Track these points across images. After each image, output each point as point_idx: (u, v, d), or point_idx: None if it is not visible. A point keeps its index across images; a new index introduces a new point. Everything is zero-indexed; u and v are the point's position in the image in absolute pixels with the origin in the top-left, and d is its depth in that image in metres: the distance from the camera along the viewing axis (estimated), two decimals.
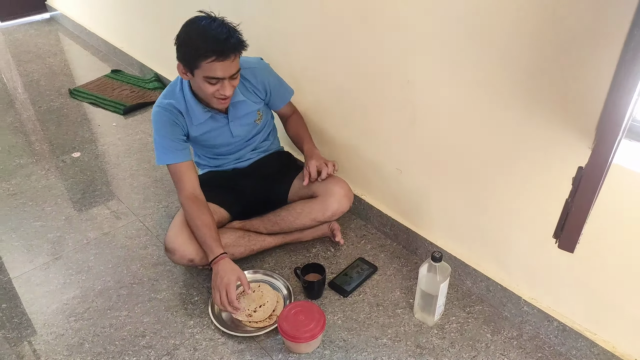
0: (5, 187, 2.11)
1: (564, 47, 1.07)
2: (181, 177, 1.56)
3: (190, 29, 1.39)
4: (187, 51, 1.39)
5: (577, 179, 0.79)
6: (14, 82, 3.02)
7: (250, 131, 1.71)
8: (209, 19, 1.39)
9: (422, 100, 1.46)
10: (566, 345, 1.40)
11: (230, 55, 1.36)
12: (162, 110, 1.53)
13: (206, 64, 1.35)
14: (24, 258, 1.76)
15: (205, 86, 1.41)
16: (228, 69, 1.38)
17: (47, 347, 1.46)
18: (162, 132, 1.54)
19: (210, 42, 1.34)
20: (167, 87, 1.59)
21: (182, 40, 1.40)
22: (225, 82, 1.41)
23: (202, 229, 1.49)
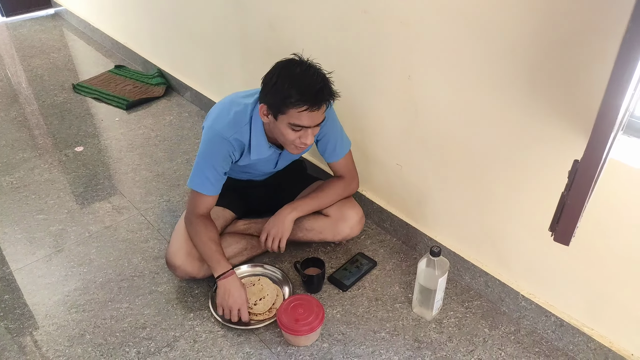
0: (9, 181, 2.12)
1: (564, 42, 1.08)
2: (202, 205, 1.52)
3: (284, 75, 1.31)
4: (277, 97, 1.31)
5: (572, 172, 0.80)
6: (18, 76, 3.03)
7: (289, 163, 1.71)
8: (304, 66, 1.32)
9: (423, 95, 1.46)
10: (563, 340, 1.41)
11: (322, 106, 1.32)
12: (225, 141, 1.44)
13: (296, 112, 1.30)
14: (27, 250, 1.78)
15: (288, 132, 1.35)
16: (315, 119, 1.33)
17: (49, 337, 1.47)
18: (213, 161, 1.47)
19: (304, 92, 1.28)
20: (225, 112, 1.47)
21: (273, 84, 1.31)
22: (309, 131, 1.35)
23: (209, 244, 1.49)
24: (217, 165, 1.47)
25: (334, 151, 1.60)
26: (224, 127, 1.45)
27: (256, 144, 1.47)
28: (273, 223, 1.58)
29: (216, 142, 1.45)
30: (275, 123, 1.36)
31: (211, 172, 1.48)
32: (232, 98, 1.52)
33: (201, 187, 1.49)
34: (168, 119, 2.58)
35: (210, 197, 1.52)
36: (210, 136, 1.46)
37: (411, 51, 1.42)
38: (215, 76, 2.47)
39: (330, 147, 1.59)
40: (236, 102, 1.49)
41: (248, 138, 1.47)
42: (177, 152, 2.31)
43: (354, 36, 1.57)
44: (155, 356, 1.41)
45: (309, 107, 1.29)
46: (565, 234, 0.85)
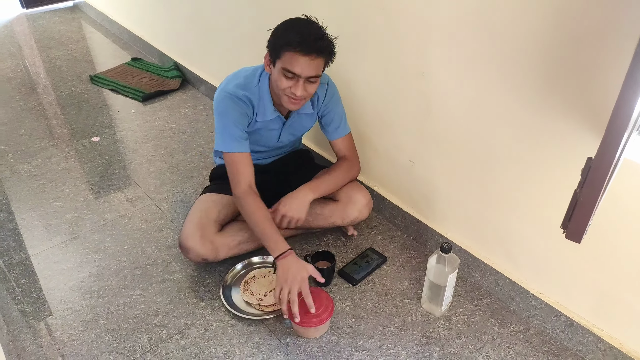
0: (27, 169, 2.16)
1: (579, 40, 1.08)
2: (240, 167, 1.52)
3: (288, 22, 1.39)
4: (275, 40, 1.38)
5: (585, 169, 0.80)
6: (37, 67, 3.08)
7: (293, 141, 1.74)
8: (310, 21, 1.39)
9: (436, 92, 1.47)
10: (573, 341, 1.41)
11: (313, 53, 1.34)
12: (236, 99, 1.49)
13: (288, 53, 1.34)
14: (43, 236, 1.81)
15: (281, 79, 1.39)
16: (307, 68, 1.35)
17: (63, 322, 1.50)
18: (232, 119, 1.49)
19: (299, 34, 1.33)
20: (234, 77, 1.55)
21: (276, 29, 1.39)
22: (300, 81, 1.38)
23: (263, 223, 1.48)
24: (238, 123, 1.50)
25: (337, 129, 1.65)
26: (235, 87, 1.51)
27: (262, 104, 1.52)
28: (290, 205, 1.55)
29: (229, 100, 1.50)
30: (273, 72, 1.42)
31: (234, 130, 1.50)
32: (241, 68, 1.58)
33: (232, 146, 1.50)
34: (183, 112, 2.60)
35: (244, 156, 1.52)
36: (222, 97, 1.51)
37: (426, 48, 1.43)
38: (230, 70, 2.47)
39: (334, 124, 1.64)
40: (245, 69, 1.57)
41: (257, 99, 1.52)
42: (191, 144, 2.34)
43: (368, 32, 1.58)
44: (167, 343, 1.44)
45: (300, 50, 1.33)
46: (577, 231, 0.85)
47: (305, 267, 1.42)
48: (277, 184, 1.77)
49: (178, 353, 1.41)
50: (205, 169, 2.16)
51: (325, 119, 1.64)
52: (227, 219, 1.67)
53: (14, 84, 2.85)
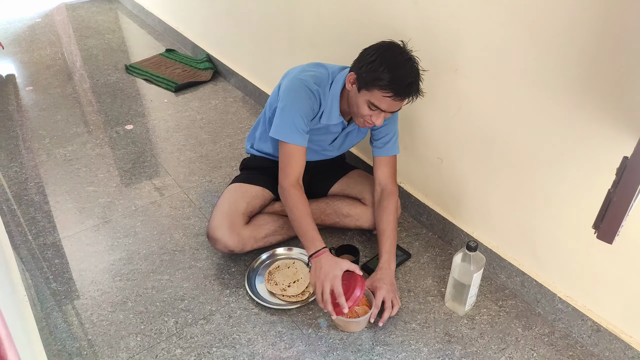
0: (63, 153, 2.23)
1: (618, 38, 1.05)
2: (294, 160, 1.50)
3: (385, 57, 1.33)
4: (369, 74, 1.33)
5: (621, 169, 0.79)
6: (74, 56, 3.17)
7: (342, 149, 1.73)
8: (405, 56, 1.35)
9: (468, 89, 1.46)
10: (599, 346, 1.38)
11: (405, 98, 1.35)
12: (310, 92, 1.46)
13: (380, 94, 1.33)
14: (76, 219, 1.87)
15: (364, 107, 1.38)
16: (394, 107, 1.37)
17: (93, 302, 1.55)
18: (300, 110, 1.46)
19: (396, 80, 1.31)
20: (311, 68, 1.51)
21: (371, 61, 1.34)
22: (382, 114, 1.39)
23: (304, 219, 1.47)
24: (305, 115, 1.47)
25: (385, 145, 1.59)
26: (310, 79, 1.47)
27: (329, 108, 1.50)
28: (386, 288, 1.45)
29: (303, 89, 1.46)
30: (357, 94, 1.40)
31: (299, 120, 1.46)
32: (315, 62, 1.55)
33: (292, 137, 1.47)
34: (213, 103, 2.64)
35: (300, 150, 1.49)
36: (297, 85, 1.47)
37: (460, 44, 1.42)
38: (261, 64, 2.51)
39: (384, 139, 1.59)
40: (320, 65, 1.54)
41: (326, 99, 1.50)
42: (221, 135, 2.37)
43: (401, 27, 1.57)
44: (192, 327, 1.47)
45: (394, 96, 1.33)
46: (609, 232, 0.84)
47: (338, 264, 1.39)
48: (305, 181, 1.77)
49: (202, 338, 1.44)
50: (233, 159, 2.19)
51: (376, 133, 1.59)
52: (255, 211, 1.70)
53: (52, 71, 2.94)
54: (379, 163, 1.63)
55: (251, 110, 2.57)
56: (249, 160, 1.83)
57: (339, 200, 1.73)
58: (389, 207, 1.60)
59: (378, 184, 1.64)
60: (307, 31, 2.04)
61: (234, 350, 1.41)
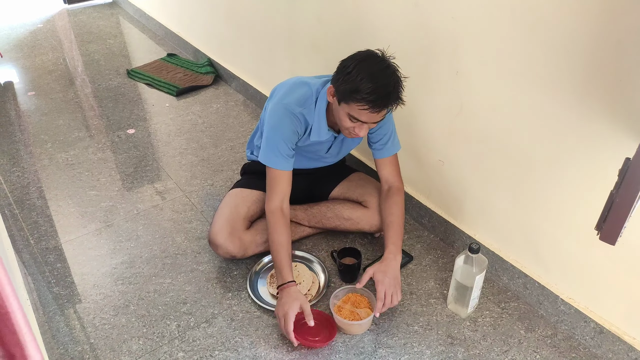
0: (65, 157, 2.24)
1: (620, 40, 1.06)
2: (278, 185, 1.51)
3: (362, 67, 1.30)
4: (346, 86, 1.31)
5: (623, 170, 0.79)
6: (76, 60, 3.18)
7: (339, 156, 1.73)
8: (383, 65, 1.32)
9: (470, 91, 1.46)
10: (602, 348, 1.38)
11: (384, 109, 1.33)
12: (292, 116, 1.47)
13: (357, 108, 1.31)
14: (78, 223, 1.87)
15: (345, 120, 1.37)
16: (374, 118, 1.35)
17: (96, 306, 1.55)
18: (283, 135, 1.48)
19: (372, 92, 1.27)
20: (294, 90, 1.51)
21: (348, 72, 1.31)
22: (364, 125, 1.37)
23: (278, 249, 1.48)
24: (287, 140, 1.48)
25: (384, 146, 1.58)
26: (292, 103, 1.48)
27: (317, 126, 1.50)
28: (389, 282, 1.44)
29: (286, 116, 1.47)
30: (337, 107, 1.39)
31: (283, 147, 1.48)
32: (299, 79, 1.55)
33: (276, 162, 1.49)
34: (215, 107, 2.65)
35: (285, 175, 1.51)
36: (280, 111, 1.48)
37: (461, 46, 1.42)
38: (262, 67, 2.52)
39: (381, 142, 1.58)
40: (304, 82, 1.52)
41: (312, 118, 1.49)
42: (222, 139, 2.38)
43: (402, 30, 1.58)
44: (194, 330, 1.47)
45: (371, 109, 1.30)
46: (612, 233, 0.84)
47: (296, 300, 1.39)
48: (305, 185, 1.77)
49: (205, 341, 1.44)
50: (235, 163, 2.19)
51: (372, 136, 1.58)
52: (256, 215, 1.70)
53: (54, 76, 2.95)
54: (382, 164, 1.63)
55: (252, 114, 2.58)
56: (250, 166, 1.83)
57: (340, 203, 1.73)
58: (397, 201, 1.60)
59: (385, 182, 1.64)
60: (308, 34, 2.04)
61: (237, 353, 1.41)
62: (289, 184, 1.54)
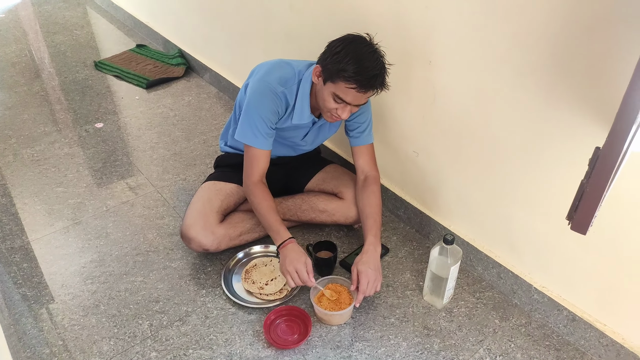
0: (30, 153, 2.16)
1: (590, 29, 1.06)
2: (257, 162, 1.52)
3: (350, 49, 1.32)
4: (334, 65, 1.33)
5: (593, 159, 0.79)
6: (42, 52, 3.07)
7: (315, 143, 1.71)
8: (371, 48, 1.34)
9: (443, 81, 1.45)
10: (575, 335, 1.40)
11: (369, 90, 1.35)
12: (274, 95, 1.45)
13: (344, 86, 1.33)
14: (45, 221, 1.81)
15: (329, 100, 1.38)
16: (359, 100, 1.36)
17: (64, 306, 1.50)
18: (263, 114, 1.46)
19: (361, 72, 1.30)
20: (276, 69, 1.49)
21: (336, 53, 1.33)
22: (347, 107, 1.39)
23: (268, 213, 1.49)
24: (267, 119, 1.47)
25: (362, 134, 1.59)
26: (275, 81, 1.46)
27: (300, 107, 1.49)
28: (372, 273, 1.43)
29: (267, 94, 1.45)
30: (322, 87, 1.39)
31: (261, 124, 1.47)
32: (281, 60, 1.53)
33: (254, 141, 1.49)
34: (187, 100, 2.59)
35: (263, 153, 1.51)
36: (261, 88, 1.46)
37: (434, 35, 1.41)
38: (235, 58, 2.47)
39: (359, 129, 1.58)
40: (287, 63, 1.51)
41: (294, 99, 1.48)
42: (195, 132, 2.33)
43: (376, 19, 1.55)
44: (168, 329, 1.44)
45: (358, 88, 1.32)
46: (582, 222, 0.84)
47: (302, 254, 1.44)
48: (280, 177, 1.75)
49: (178, 340, 1.41)
50: (208, 157, 2.15)
51: (351, 124, 1.58)
52: (229, 209, 1.67)
53: (18, 69, 2.85)
54: (358, 152, 1.62)
55: (225, 106, 2.53)
56: (223, 158, 1.80)
57: (315, 196, 1.71)
58: (374, 191, 1.60)
59: (361, 172, 1.64)
60: (281, 24, 2.01)
61: (211, 351, 1.38)
62: (267, 162, 1.54)
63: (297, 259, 1.43)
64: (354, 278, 1.45)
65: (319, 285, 1.48)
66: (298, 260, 1.43)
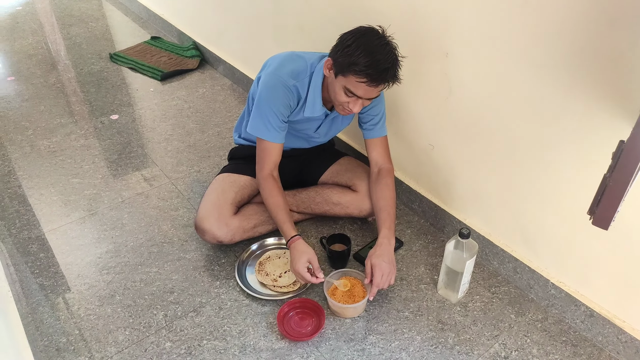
0: (46, 145, 2.18)
1: (612, 20, 1.03)
2: (269, 155, 1.52)
3: (361, 42, 1.30)
4: (345, 58, 1.31)
5: (617, 153, 0.77)
6: (58, 44, 3.09)
7: (328, 135, 1.70)
8: (383, 41, 1.31)
9: (459, 74, 1.43)
10: (592, 331, 1.38)
11: (380, 84, 1.32)
12: (286, 88, 1.45)
13: (355, 80, 1.30)
14: (62, 212, 1.83)
15: (341, 94, 1.36)
16: (370, 93, 1.34)
17: (80, 296, 1.52)
18: (275, 108, 1.46)
19: (371, 65, 1.27)
20: (288, 61, 1.48)
21: (347, 45, 1.31)
22: (359, 101, 1.37)
23: (276, 210, 1.50)
24: (279, 113, 1.47)
25: (375, 127, 1.58)
26: (287, 74, 1.45)
27: (312, 100, 1.48)
28: (386, 266, 1.42)
29: (279, 87, 1.45)
30: (334, 80, 1.37)
31: (273, 118, 1.47)
32: (293, 52, 1.52)
33: (267, 134, 1.49)
34: (201, 92, 2.59)
35: (275, 147, 1.51)
36: (273, 82, 1.46)
37: (450, 28, 1.38)
38: (248, 50, 2.46)
39: (373, 121, 1.57)
40: (299, 56, 1.50)
41: (306, 92, 1.47)
42: (209, 124, 2.33)
43: (391, 11, 1.53)
44: (182, 320, 1.45)
45: (369, 82, 1.30)
46: (605, 218, 0.82)
47: (304, 253, 1.42)
48: (294, 169, 1.75)
49: (192, 330, 1.42)
50: (222, 149, 2.15)
51: (364, 116, 1.57)
52: (243, 201, 1.67)
53: (35, 61, 2.87)
54: (372, 145, 1.61)
55: (239, 99, 2.53)
56: (237, 150, 1.79)
57: (329, 188, 1.70)
58: (388, 183, 1.59)
59: (374, 165, 1.62)
60: (294, 15, 1.99)
61: (225, 342, 1.39)
62: (279, 155, 1.54)
63: (297, 259, 1.42)
64: (367, 271, 1.44)
65: (332, 278, 1.47)
66: (298, 260, 1.41)
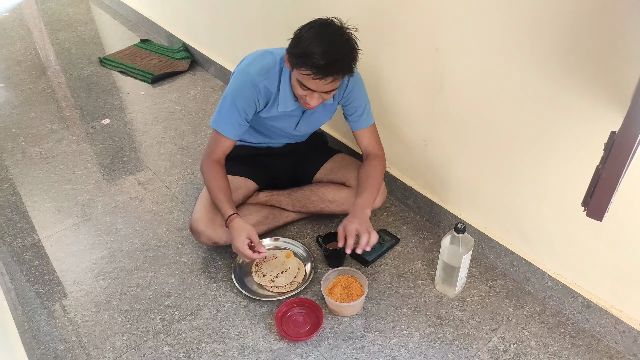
0: (38, 151, 2.17)
1: (601, 10, 1.03)
2: (220, 147, 1.53)
3: (313, 32, 1.28)
4: (295, 49, 1.30)
5: (609, 144, 0.77)
6: (46, 50, 3.07)
7: (310, 129, 1.70)
8: (336, 33, 1.28)
9: (451, 69, 1.43)
10: (590, 322, 1.39)
11: (329, 78, 1.28)
12: (252, 86, 1.44)
13: (301, 72, 1.30)
14: (55, 219, 1.82)
15: (297, 87, 1.37)
16: (321, 87, 1.31)
17: (77, 302, 1.51)
18: (238, 104, 1.46)
19: (317, 57, 1.24)
20: (258, 59, 1.47)
21: (299, 37, 1.30)
22: (314, 94, 1.35)
23: (217, 191, 1.50)
24: (241, 109, 1.47)
25: (360, 117, 1.57)
26: (256, 72, 1.45)
27: (284, 95, 1.47)
28: (357, 222, 1.42)
29: (246, 86, 1.45)
30: (292, 74, 1.38)
31: (235, 114, 1.48)
32: (266, 50, 1.51)
33: (223, 128, 1.50)
34: (192, 93, 2.58)
35: (229, 141, 1.52)
36: (241, 79, 1.46)
37: (440, 23, 1.38)
38: (239, 50, 2.44)
39: (357, 113, 1.57)
40: (269, 52, 1.50)
41: (276, 88, 1.47)
42: (201, 126, 2.32)
43: (382, 6, 1.53)
44: (180, 324, 1.44)
45: (313, 75, 1.28)
46: (598, 209, 0.82)
47: (243, 230, 1.42)
48: (288, 168, 1.75)
49: (191, 334, 1.41)
50: None
51: (347, 108, 1.57)
52: (237, 202, 1.66)
53: (23, 67, 2.85)
54: (360, 136, 1.62)
55: None
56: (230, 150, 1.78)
57: (323, 186, 1.70)
58: (374, 165, 1.58)
59: (364, 152, 1.63)
60: (283, 13, 1.98)
61: (224, 344, 1.38)
62: (231, 148, 1.55)
63: (236, 237, 1.42)
64: (340, 235, 1.44)
65: (330, 275, 1.47)
66: (237, 237, 1.41)
